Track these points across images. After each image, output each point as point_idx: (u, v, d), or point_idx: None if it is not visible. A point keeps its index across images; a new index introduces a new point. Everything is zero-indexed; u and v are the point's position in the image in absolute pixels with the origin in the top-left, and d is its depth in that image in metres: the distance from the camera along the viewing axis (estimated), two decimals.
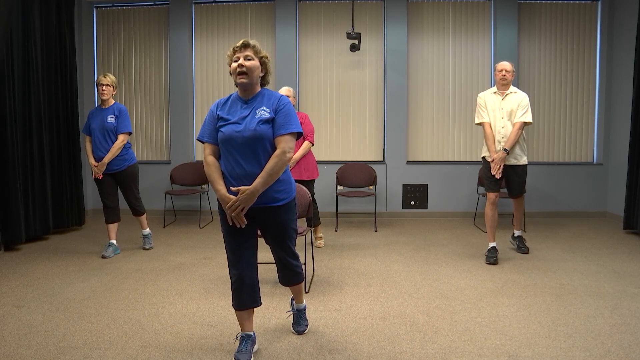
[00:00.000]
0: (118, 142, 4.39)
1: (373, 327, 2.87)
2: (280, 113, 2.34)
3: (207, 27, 6.56)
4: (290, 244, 2.52)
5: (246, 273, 2.41)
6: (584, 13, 6.33)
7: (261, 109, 2.34)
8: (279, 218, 2.43)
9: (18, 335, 2.75)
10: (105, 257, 4.39)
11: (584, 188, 6.34)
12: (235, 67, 2.36)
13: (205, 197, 6.48)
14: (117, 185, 4.56)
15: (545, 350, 2.54)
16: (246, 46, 2.37)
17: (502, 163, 4.16)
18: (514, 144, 4.17)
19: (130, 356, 2.51)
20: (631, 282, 3.64)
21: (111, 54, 6.67)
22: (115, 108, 4.45)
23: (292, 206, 2.48)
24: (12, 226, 4.67)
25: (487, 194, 4.29)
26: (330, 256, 4.45)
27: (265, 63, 2.43)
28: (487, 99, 4.29)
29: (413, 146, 6.49)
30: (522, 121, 4.15)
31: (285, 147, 2.31)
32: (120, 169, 4.47)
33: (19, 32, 4.87)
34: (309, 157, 4.57)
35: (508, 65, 4.24)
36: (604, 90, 6.27)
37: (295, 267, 2.60)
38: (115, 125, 4.41)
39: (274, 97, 2.40)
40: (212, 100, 6.57)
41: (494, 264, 4.13)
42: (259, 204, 2.34)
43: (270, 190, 2.34)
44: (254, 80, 2.38)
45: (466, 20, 6.39)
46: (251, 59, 2.36)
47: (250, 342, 2.48)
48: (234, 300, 2.46)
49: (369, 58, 6.43)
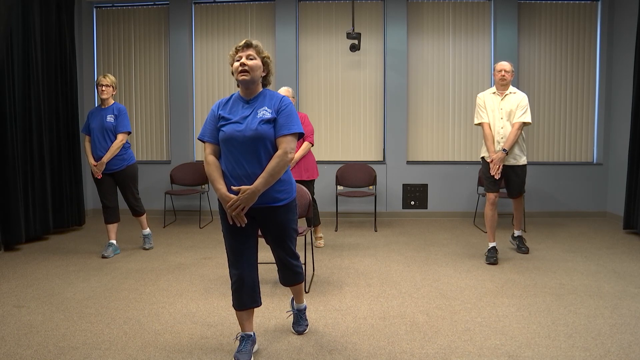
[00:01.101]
0: (117, 141, 4.39)
1: (373, 327, 2.87)
2: (282, 113, 2.35)
3: (207, 27, 6.56)
4: (290, 244, 2.52)
5: (246, 273, 2.42)
6: (584, 13, 6.33)
7: (263, 109, 2.35)
8: (280, 218, 2.43)
9: (18, 335, 2.75)
10: (105, 257, 4.39)
11: (584, 188, 6.34)
12: (238, 66, 2.36)
13: (205, 197, 6.47)
14: (117, 186, 4.56)
15: (545, 350, 2.54)
16: (248, 46, 2.37)
17: (501, 163, 4.16)
18: (513, 144, 4.17)
19: (130, 356, 2.51)
20: (631, 282, 3.64)
21: (111, 54, 6.67)
22: (115, 108, 4.45)
23: (292, 206, 2.48)
24: (12, 226, 4.67)
25: (487, 194, 4.29)
26: (330, 256, 4.45)
27: (267, 63, 2.44)
28: (486, 99, 4.28)
29: (413, 146, 6.49)
30: (521, 121, 4.14)
31: (287, 147, 2.31)
32: (119, 168, 4.47)
33: (19, 32, 4.87)
34: (309, 158, 4.57)
35: (507, 65, 4.24)
36: (604, 90, 6.27)
37: (296, 267, 2.60)
38: (114, 124, 4.41)
39: (275, 97, 2.41)
40: (212, 100, 6.57)
41: (494, 264, 4.13)
42: (260, 204, 2.34)
43: (271, 190, 2.34)
44: (255, 79, 2.38)
45: (466, 20, 6.39)
46: (253, 59, 2.37)
47: (250, 342, 2.48)
48: (234, 301, 2.46)
49: (369, 58, 6.43)
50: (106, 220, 4.53)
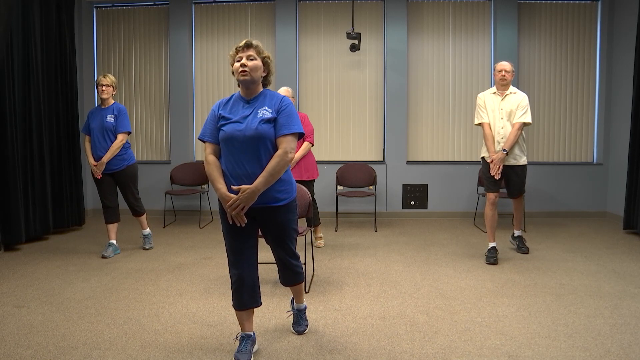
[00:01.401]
0: (117, 141, 4.39)
1: (373, 327, 2.87)
2: (282, 113, 2.35)
3: (207, 27, 6.56)
4: (290, 244, 2.52)
5: (247, 273, 2.42)
6: (584, 13, 6.33)
7: (263, 109, 2.35)
8: (280, 218, 2.43)
9: (18, 335, 2.75)
10: (105, 257, 4.39)
11: (584, 188, 6.34)
12: (238, 66, 2.36)
13: (205, 197, 6.48)
14: (117, 186, 4.56)
15: (545, 350, 2.54)
16: (249, 46, 2.38)
17: (502, 164, 4.16)
18: (514, 144, 4.17)
19: (130, 356, 2.51)
20: (631, 282, 3.64)
21: (111, 54, 6.67)
22: (115, 108, 4.45)
23: (292, 206, 2.48)
24: (12, 226, 4.67)
25: (487, 194, 4.29)
26: (330, 256, 4.44)
27: (268, 63, 2.44)
28: (486, 100, 4.28)
29: (413, 146, 6.49)
30: (521, 122, 4.14)
31: (287, 147, 2.32)
32: (119, 168, 4.47)
33: (19, 32, 4.87)
34: (309, 158, 4.57)
35: (507, 65, 4.24)
36: (604, 90, 6.27)
37: (296, 267, 2.60)
38: (114, 124, 4.41)
39: (276, 97, 2.41)
40: (213, 100, 6.57)
41: (494, 264, 4.13)
42: (260, 204, 2.34)
43: (271, 190, 2.34)
44: (255, 79, 2.38)
45: (466, 20, 6.39)
46: (254, 59, 2.37)
47: (250, 342, 2.48)
48: (234, 300, 2.46)
49: (369, 58, 6.43)
50: (106, 220, 4.53)
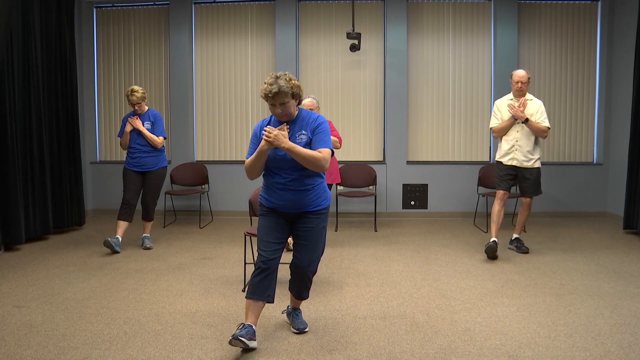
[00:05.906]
0: (155, 137, 4.62)
1: (373, 327, 2.87)
2: (318, 133, 2.60)
3: (207, 27, 6.56)
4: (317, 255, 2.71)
5: (272, 258, 2.58)
6: (584, 13, 6.33)
7: (300, 133, 2.59)
8: (315, 225, 2.63)
9: (18, 335, 2.75)
10: (108, 241, 4.42)
11: (584, 188, 6.34)
12: (274, 110, 2.56)
13: (205, 197, 6.47)
14: (142, 186, 4.69)
15: (545, 350, 2.55)
16: (277, 94, 2.49)
17: (523, 108, 4.27)
18: (532, 131, 4.28)
19: (130, 356, 2.51)
20: (631, 282, 3.64)
21: (111, 54, 6.66)
22: (150, 114, 4.69)
23: (326, 214, 2.71)
24: (12, 226, 4.66)
25: (497, 191, 4.43)
26: (330, 256, 4.44)
27: (298, 93, 2.59)
28: (503, 106, 4.44)
29: (413, 146, 6.49)
30: (546, 125, 4.30)
31: (324, 155, 2.55)
32: (153, 168, 4.67)
33: (19, 32, 4.87)
34: (333, 163, 4.65)
35: (524, 76, 4.35)
36: (604, 90, 6.27)
37: (308, 281, 2.76)
38: (151, 131, 4.63)
39: (311, 118, 2.65)
40: (213, 101, 6.57)
41: (493, 259, 4.14)
42: (298, 209, 2.57)
43: (310, 195, 2.59)
44: (293, 114, 2.61)
45: (466, 20, 6.39)
46: (286, 102, 2.52)
47: (250, 329, 2.53)
48: (249, 288, 2.58)
49: (369, 58, 6.43)
50: (120, 216, 4.63)
